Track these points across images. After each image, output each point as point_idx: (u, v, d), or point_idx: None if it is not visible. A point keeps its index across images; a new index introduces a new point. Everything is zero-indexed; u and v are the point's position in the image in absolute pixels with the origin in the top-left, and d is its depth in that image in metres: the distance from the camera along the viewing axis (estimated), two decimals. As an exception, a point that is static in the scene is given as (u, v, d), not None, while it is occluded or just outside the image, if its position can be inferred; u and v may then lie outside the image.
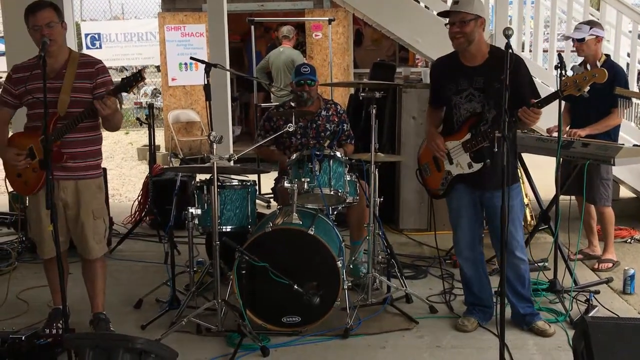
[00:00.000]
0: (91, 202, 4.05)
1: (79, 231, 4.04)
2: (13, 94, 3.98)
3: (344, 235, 4.69)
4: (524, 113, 3.70)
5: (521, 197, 4.19)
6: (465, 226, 4.17)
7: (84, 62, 3.98)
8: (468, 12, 3.84)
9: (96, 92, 3.92)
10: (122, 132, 13.82)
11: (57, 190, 3.86)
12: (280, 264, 4.02)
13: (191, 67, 10.32)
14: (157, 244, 5.97)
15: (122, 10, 18.73)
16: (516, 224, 4.08)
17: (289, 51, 8.99)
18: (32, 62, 3.92)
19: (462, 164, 4.05)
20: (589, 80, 3.53)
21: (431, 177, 4.31)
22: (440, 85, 4.15)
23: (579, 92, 3.63)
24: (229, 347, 3.96)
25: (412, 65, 11.49)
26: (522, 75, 3.87)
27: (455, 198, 4.18)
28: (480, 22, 3.89)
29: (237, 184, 4.53)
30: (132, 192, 8.50)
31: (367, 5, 6.48)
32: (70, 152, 3.91)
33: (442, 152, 4.10)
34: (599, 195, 5.22)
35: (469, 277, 4.28)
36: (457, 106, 4.04)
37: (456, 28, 3.88)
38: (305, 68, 5.16)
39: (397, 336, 4.16)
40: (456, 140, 4.06)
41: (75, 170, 3.97)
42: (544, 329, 4.11)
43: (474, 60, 3.97)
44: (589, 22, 5.28)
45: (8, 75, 4.04)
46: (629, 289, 4.78)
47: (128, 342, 3.13)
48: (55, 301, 4.23)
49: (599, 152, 4.52)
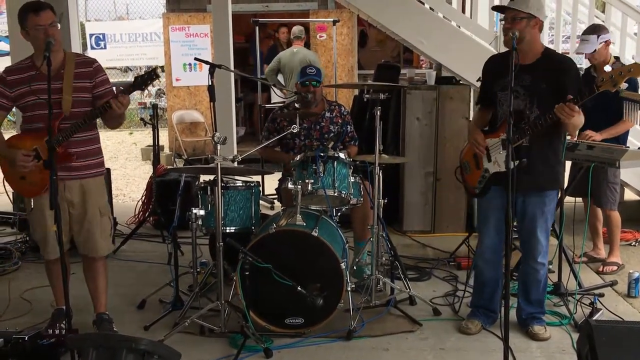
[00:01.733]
0: (98, 200, 4.09)
1: (86, 229, 4.05)
2: (8, 97, 3.93)
3: (347, 236, 4.69)
4: (559, 109, 3.68)
5: (554, 204, 4.12)
6: (491, 229, 4.13)
7: (81, 62, 4.00)
8: (521, 10, 3.83)
9: (96, 91, 3.96)
10: (126, 133, 13.83)
11: (62, 190, 3.87)
12: (284, 265, 4.02)
13: (195, 68, 10.31)
14: (161, 244, 5.96)
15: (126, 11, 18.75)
16: (544, 230, 4.05)
17: (304, 51, 8.94)
18: (26, 63, 3.94)
19: (500, 162, 4.00)
20: (625, 75, 3.50)
21: (470, 175, 4.27)
22: (489, 82, 4.14)
23: (614, 87, 3.61)
24: (232, 349, 3.96)
25: (417, 66, 11.49)
26: (571, 78, 3.87)
27: (487, 200, 4.15)
28: (534, 22, 3.86)
29: (241, 184, 4.52)
30: (135, 192, 8.50)
31: (371, 7, 6.47)
32: (75, 152, 3.93)
33: (482, 149, 4.08)
34: (606, 199, 5.21)
35: (486, 280, 4.25)
36: (501, 102, 4.01)
37: (507, 24, 3.87)
38: (310, 69, 5.15)
39: (400, 338, 4.15)
40: (496, 137, 4.03)
41: (79, 170, 3.99)
42: (537, 333, 4.09)
43: (525, 59, 3.91)
44: (593, 30, 5.15)
45: (1, 77, 3.95)
46: (634, 292, 4.77)
47: (131, 342, 3.12)
48: (58, 301, 4.23)
49: (604, 155, 4.50)
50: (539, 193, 3.97)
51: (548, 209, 4.04)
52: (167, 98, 10.85)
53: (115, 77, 18.13)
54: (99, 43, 13.29)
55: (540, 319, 4.18)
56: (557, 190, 4.17)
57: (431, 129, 6.17)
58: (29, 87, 3.80)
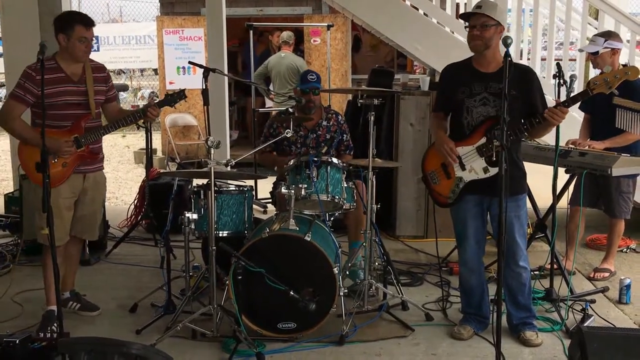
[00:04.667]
0: (103, 191, 4.61)
1: (92, 215, 4.48)
2: (34, 94, 4.09)
3: (340, 241, 4.69)
4: (550, 112, 3.71)
5: (526, 208, 4.15)
6: (471, 237, 4.14)
7: (96, 67, 4.38)
8: (491, 17, 3.86)
9: (108, 95, 4.42)
10: (119, 135, 13.79)
11: (82, 181, 4.33)
12: (277, 269, 4.02)
13: (189, 71, 10.31)
14: (153, 248, 5.94)
15: (120, 13, 18.76)
16: (522, 234, 4.08)
17: (291, 57, 8.98)
18: (51, 64, 4.18)
19: (477, 169, 4.00)
20: (620, 77, 3.49)
21: (439, 186, 4.21)
22: (451, 90, 4.10)
23: (609, 90, 3.61)
24: (224, 353, 3.95)
25: (411, 72, 11.50)
26: (535, 85, 3.95)
27: (462, 209, 4.13)
28: (499, 30, 3.91)
29: (234, 189, 4.52)
30: (128, 195, 8.48)
31: (366, 12, 6.50)
32: (92, 148, 4.33)
33: (454, 157, 4.03)
34: (619, 209, 5.16)
35: (472, 287, 4.26)
36: (470, 110, 4.00)
37: (476, 31, 3.90)
38: (312, 76, 5.13)
39: (392, 343, 4.15)
40: (469, 145, 4.02)
41: (96, 163, 4.43)
42: (529, 339, 4.10)
43: (488, 67, 3.97)
44: (605, 34, 5.13)
45: (29, 75, 4.11)
46: (625, 299, 4.78)
47: (123, 346, 3.12)
48: (50, 300, 4.25)
49: (597, 162, 4.52)
50: (512, 197, 3.92)
51: (522, 212, 4.07)
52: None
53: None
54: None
55: (531, 324, 4.19)
56: (526, 194, 4.18)
57: (424, 135, 6.17)
58: (57, 88, 4.13)
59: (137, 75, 18.28)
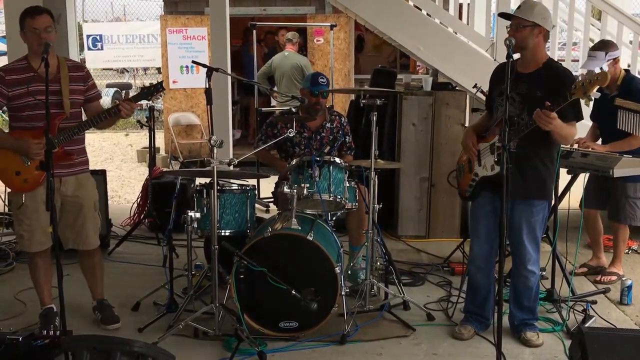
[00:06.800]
0: (92, 194, 4.30)
1: (80, 223, 4.21)
2: (5, 95, 3.99)
3: (342, 240, 4.70)
4: (536, 115, 3.70)
5: (544, 215, 4.09)
6: (482, 235, 4.16)
7: (73, 66, 4.21)
8: (525, 19, 3.86)
9: (87, 94, 4.21)
10: (122, 134, 13.82)
11: (58, 186, 4.03)
12: (279, 269, 4.03)
13: (192, 70, 10.32)
14: (156, 246, 5.95)
15: (124, 12, 18.78)
16: (532, 240, 4.05)
17: (295, 56, 8.97)
18: (23, 64, 4.05)
19: (487, 166, 4.06)
20: (593, 83, 3.54)
21: (463, 178, 4.35)
22: (491, 87, 4.23)
23: (585, 95, 3.63)
24: (226, 352, 3.97)
25: (413, 72, 11.52)
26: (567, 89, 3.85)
27: (477, 205, 4.20)
28: (538, 31, 3.88)
29: (237, 188, 4.53)
30: (131, 194, 8.49)
31: (369, 12, 6.49)
32: (71, 149, 4.12)
33: (473, 152, 4.15)
34: (625, 214, 5.12)
35: (478, 286, 4.27)
36: (497, 108, 4.06)
37: (510, 32, 3.91)
38: (322, 79, 5.08)
39: (394, 343, 4.16)
40: (486, 142, 4.10)
41: (74, 166, 4.17)
42: (530, 339, 4.11)
43: (527, 67, 3.97)
44: (601, 46, 5.04)
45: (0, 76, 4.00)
46: (626, 300, 4.79)
47: (125, 345, 3.14)
48: (45, 300, 4.28)
49: (598, 163, 4.53)
50: (525, 201, 3.96)
51: (535, 219, 4.02)
52: (163, 100, 10.84)
53: (112, 78, 18.16)
54: (96, 44, 13.30)
55: (532, 325, 4.20)
56: (547, 201, 4.10)
57: (427, 135, 6.19)
58: (27, 88, 3.93)
59: (141, 74, 18.32)
